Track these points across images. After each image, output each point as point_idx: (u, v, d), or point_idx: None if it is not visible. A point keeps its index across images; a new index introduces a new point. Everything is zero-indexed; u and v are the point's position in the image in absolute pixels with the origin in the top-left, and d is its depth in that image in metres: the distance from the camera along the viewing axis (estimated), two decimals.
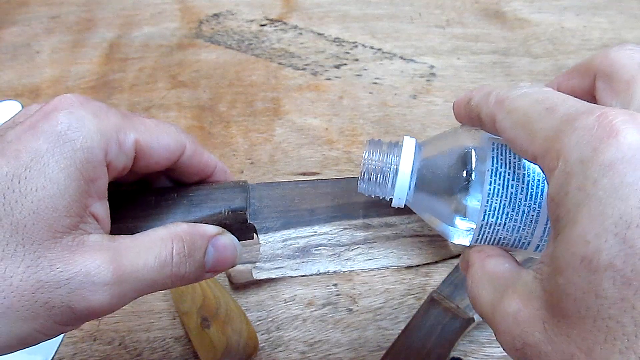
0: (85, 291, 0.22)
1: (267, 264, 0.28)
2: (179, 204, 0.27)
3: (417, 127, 0.55)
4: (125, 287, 0.23)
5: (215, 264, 0.26)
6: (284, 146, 0.53)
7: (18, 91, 0.60)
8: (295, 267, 0.28)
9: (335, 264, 0.28)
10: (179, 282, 0.25)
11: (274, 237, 0.28)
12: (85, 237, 0.22)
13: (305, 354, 0.39)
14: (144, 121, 0.25)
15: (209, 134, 0.55)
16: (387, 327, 0.40)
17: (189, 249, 0.25)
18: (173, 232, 0.25)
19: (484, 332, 0.40)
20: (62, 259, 0.21)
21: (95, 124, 0.23)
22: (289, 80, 0.60)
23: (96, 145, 0.23)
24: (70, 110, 0.23)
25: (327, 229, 0.28)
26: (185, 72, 0.62)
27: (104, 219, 0.24)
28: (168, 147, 0.26)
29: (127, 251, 0.23)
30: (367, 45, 0.64)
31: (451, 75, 0.60)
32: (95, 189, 0.23)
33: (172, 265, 0.24)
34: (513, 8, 0.69)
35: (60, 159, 0.22)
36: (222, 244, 0.26)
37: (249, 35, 0.66)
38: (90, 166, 0.22)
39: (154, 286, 0.24)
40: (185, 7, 0.71)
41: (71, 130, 0.22)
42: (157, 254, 0.24)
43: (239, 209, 0.27)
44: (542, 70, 0.60)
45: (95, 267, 0.22)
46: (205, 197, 0.28)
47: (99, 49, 0.65)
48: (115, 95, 0.59)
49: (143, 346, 0.40)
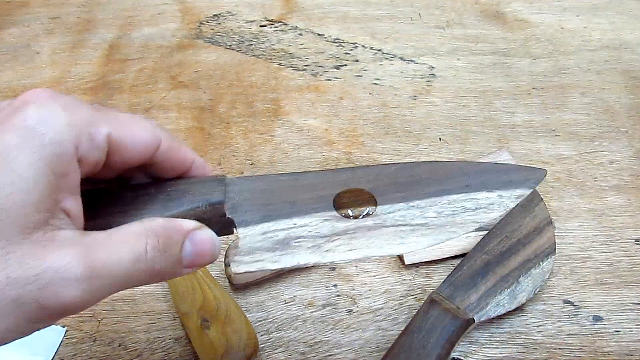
0: (56, 287, 0.21)
1: (245, 258, 0.27)
2: (156, 198, 0.27)
3: (417, 127, 0.55)
4: (97, 282, 0.22)
5: (193, 258, 0.26)
6: (284, 147, 0.53)
7: (18, 92, 0.60)
8: (274, 260, 0.27)
9: (316, 255, 0.27)
10: (155, 277, 0.24)
11: (253, 230, 0.28)
12: (56, 232, 0.22)
13: (305, 355, 0.39)
14: (117, 115, 0.25)
15: (209, 134, 0.55)
16: (387, 328, 0.40)
17: (164, 243, 0.24)
18: (148, 226, 0.24)
19: (484, 332, 0.40)
20: (31, 255, 0.21)
21: (66, 118, 0.22)
22: (289, 81, 0.60)
23: (66, 139, 0.22)
24: (40, 104, 0.22)
25: (307, 221, 0.28)
26: (185, 72, 0.62)
27: (77, 215, 0.23)
28: (143, 141, 0.25)
29: (99, 246, 0.23)
30: (367, 46, 0.64)
31: (451, 76, 0.60)
32: (67, 184, 0.22)
33: (147, 260, 0.24)
34: (513, 9, 0.69)
35: (29, 153, 0.21)
36: (199, 239, 0.26)
37: (249, 36, 0.66)
38: (60, 160, 0.22)
39: (128, 282, 0.23)
40: (185, 7, 0.71)
41: (40, 124, 0.22)
42: (130, 248, 0.23)
43: (217, 202, 0.27)
44: (542, 71, 0.60)
45: (66, 263, 0.21)
46: (182, 191, 0.27)
47: (99, 50, 0.65)
48: (115, 96, 0.59)
49: (143, 347, 0.40)
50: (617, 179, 0.50)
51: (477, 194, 0.29)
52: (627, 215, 0.47)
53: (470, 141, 0.53)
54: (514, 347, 0.39)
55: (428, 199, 0.29)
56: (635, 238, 0.45)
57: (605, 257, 0.44)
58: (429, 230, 0.28)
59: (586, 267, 0.43)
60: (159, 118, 0.56)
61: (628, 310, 0.41)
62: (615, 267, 0.43)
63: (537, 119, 0.55)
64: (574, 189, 0.49)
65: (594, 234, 0.45)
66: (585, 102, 0.57)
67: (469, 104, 0.57)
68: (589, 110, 0.56)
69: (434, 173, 0.30)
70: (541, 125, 0.55)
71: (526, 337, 0.40)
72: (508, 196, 0.29)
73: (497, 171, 0.30)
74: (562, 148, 0.52)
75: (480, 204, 0.29)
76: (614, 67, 0.61)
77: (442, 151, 0.52)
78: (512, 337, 0.40)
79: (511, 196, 0.29)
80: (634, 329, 0.40)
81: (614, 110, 0.56)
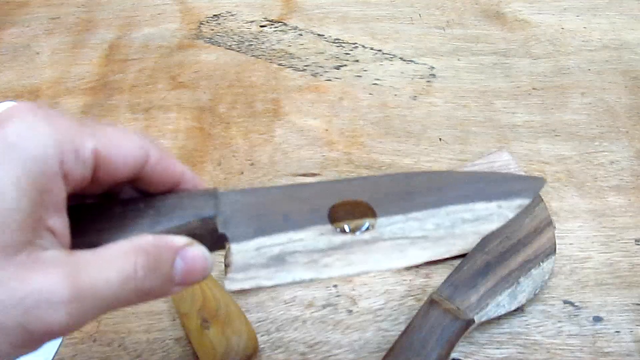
0: (41, 310, 0.20)
1: (239, 274, 0.26)
2: (146, 214, 0.26)
3: (417, 128, 0.55)
4: (84, 304, 0.21)
5: (184, 276, 0.25)
6: (284, 147, 0.53)
7: (18, 92, 0.60)
8: (269, 277, 0.26)
9: (312, 271, 0.26)
10: (144, 297, 0.23)
11: (247, 245, 0.27)
12: (40, 253, 0.21)
13: (305, 355, 0.39)
14: (104, 128, 0.24)
15: (208, 135, 0.55)
16: (387, 329, 0.40)
17: (154, 262, 0.23)
18: (137, 244, 0.23)
19: (484, 333, 0.40)
20: (15, 278, 0.20)
21: (49, 132, 0.21)
22: (289, 82, 0.60)
23: (50, 155, 0.21)
24: (22, 119, 0.21)
25: (303, 235, 0.27)
26: (185, 73, 0.62)
27: (63, 233, 0.22)
28: (130, 155, 0.24)
29: (86, 266, 0.22)
30: (367, 46, 0.64)
31: (451, 76, 0.60)
32: (51, 202, 0.21)
33: (136, 279, 0.23)
34: (513, 9, 0.69)
35: (11, 170, 0.20)
36: (191, 256, 0.25)
37: (249, 36, 0.66)
38: (44, 177, 0.21)
39: (117, 303, 0.22)
40: (185, 8, 0.71)
41: (22, 140, 0.21)
42: (119, 268, 0.22)
43: (208, 217, 0.26)
44: (543, 72, 0.60)
45: (51, 285, 0.20)
46: (172, 206, 0.26)
47: (98, 50, 0.65)
48: (115, 96, 0.59)
49: (143, 347, 0.40)
50: (618, 179, 0.50)
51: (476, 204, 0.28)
52: (628, 216, 0.47)
53: (470, 141, 0.53)
54: (514, 347, 0.39)
55: (426, 210, 0.28)
56: (636, 238, 0.45)
57: (605, 257, 0.44)
58: (429, 243, 0.28)
59: (586, 268, 0.43)
60: (158, 118, 0.56)
61: (628, 310, 0.41)
62: (615, 268, 0.43)
63: (537, 119, 0.55)
64: (574, 190, 0.49)
65: (594, 235, 0.45)
66: (586, 103, 0.57)
67: (469, 104, 0.57)
68: (589, 111, 0.56)
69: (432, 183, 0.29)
70: (541, 126, 0.55)
71: (526, 337, 0.40)
72: (507, 206, 0.29)
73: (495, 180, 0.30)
74: (562, 148, 0.52)
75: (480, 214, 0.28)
76: (614, 67, 0.61)
77: (442, 151, 0.52)
78: (512, 338, 0.40)
79: (510, 206, 0.29)
80: (634, 330, 0.40)
81: (614, 110, 0.56)
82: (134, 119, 0.56)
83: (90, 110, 0.58)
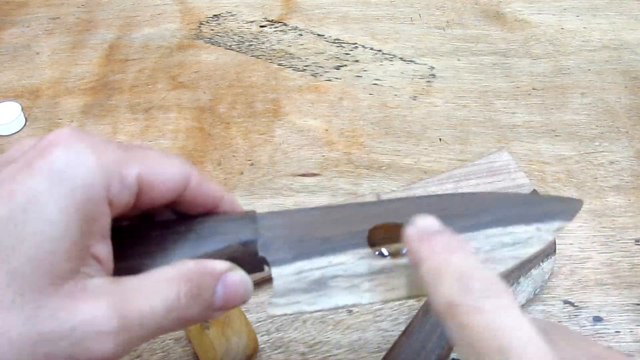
0: (89, 341, 0.20)
1: (281, 300, 0.26)
2: (186, 238, 0.26)
3: (418, 128, 0.55)
4: (131, 334, 0.21)
5: (224, 302, 0.24)
6: (284, 147, 0.53)
7: (18, 92, 0.60)
8: (311, 302, 0.26)
9: (354, 296, 0.26)
10: (185, 324, 0.23)
11: (287, 269, 0.26)
12: (87, 281, 0.21)
13: (305, 355, 0.39)
14: (147, 153, 0.24)
15: (208, 135, 0.55)
16: (387, 329, 0.40)
17: (197, 289, 0.23)
18: (180, 271, 0.23)
19: None
20: (64, 308, 0.20)
21: (95, 159, 0.21)
22: (289, 82, 0.60)
23: (97, 182, 0.21)
24: (67, 145, 0.21)
25: (343, 259, 0.27)
26: (185, 73, 0.62)
27: (107, 260, 0.22)
28: (173, 179, 0.24)
29: (132, 295, 0.21)
30: (367, 47, 0.64)
31: (451, 76, 0.60)
32: (97, 229, 0.21)
33: (180, 308, 0.22)
34: (513, 9, 0.69)
35: (59, 198, 0.20)
36: (232, 281, 0.24)
37: (249, 37, 0.66)
38: (91, 205, 0.21)
39: (160, 331, 0.22)
40: (185, 8, 0.71)
41: (69, 167, 0.21)
42: (164, 296, 0.22)
43: (248, 241, 0.26)
44: (542, 72, 0.60)
45: (100, 315, 0.20)
46: (213, 229, 0.26)
47: (98, 50, 0.65)
48: (115, 97, 0.59)
49: (143, 347, 0.40)
50: (617, 179, 0.50)
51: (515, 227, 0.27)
52: (628, 216, 0.47)
53: (470, 142, 0.53)
54: None
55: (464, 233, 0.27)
56: (636, 238, 0.45)
57: (605, 257, 0.44)
58: None
59: (586, 268, 0.43)
60: (158, 118, 0.56)
61: (628, 310, 0.41)
62: (615, 268, 0.43)
63: (537, 119, 0.55)
64: (574, 190, 0.49)
65: (594, 235, 0.45)
66: (586, 103, 0.57)
67: (469, 105, 0.57)
68: (589, 111, 0.56)
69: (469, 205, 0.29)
70: (541, 126, 0.55)
71: None
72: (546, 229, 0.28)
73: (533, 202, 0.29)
74: (562, 148, 0.52)
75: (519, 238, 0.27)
76: (614, 67, 0.61)
77: (442, 152, 0.52)
78: None
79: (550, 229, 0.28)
80: (634, 330, 0.40)
81: (614, 110, 0.56)
82: (134, 119, 0.56)
83: (90, 110, 0.58)
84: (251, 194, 0.49)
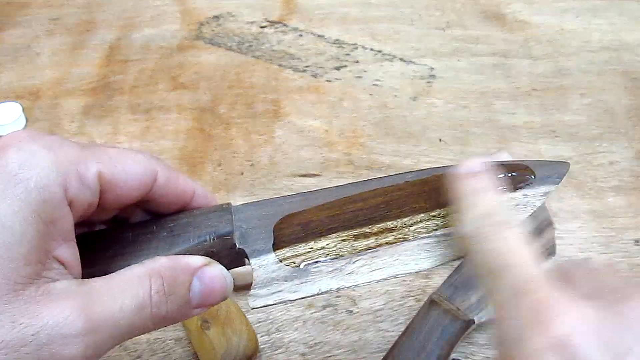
0: (55, 346, 0.19)
1: (262, 290, 0.25)
2: (159, 236, 0.25)
3: (418, 128, 0.55)
4: (100, 335, 0.20)
5: (202, 298, 0.23)
6: (284, 148, 0.53)
7: (18, 93, 0.60)
8: (293, 290, 0.25)
9: (338, 279, 0.26)
10: (161, 323, 0.22)
11: (266, 259, 0.25)
12: (50, 285, 0.20)
13: (305, 356, 0.39)
14: (107, 150, 0.23)
15: (209, 135, 0.55)
16: (387, 329, 0.40)
17: (169, 285, 0.22)
18: (150, 268, 0.22)
19: (484, 334, 0.40)
20: (25, 313, 0.19)
21: (50, 159, 0.21)
22: (289, 82, 0.60)
23: (53, 182, 0.20)
24: (21, 147, 0.20)
25: (324, 243, 0.26)
26: (185, 73, 0.62)
27: (72, 263, 0.21)
28: (137, 176, 0.23)
29: (99, 295, 0.21)
30: (367, 47, 0.64)
31: (451, 77, 0.60)
32: (58, 231, 0.21)
33: (152, 305, 0.22)
34: (513, 10, 0.69)
35: (13, 201, 0.19)
36: (209, 276, 0.24)
37: (249, 37, 0.66)
38: (48, 206, 0.20)
39: (133, 331, 0.21)
40: (185, 9, 0.71)
41: (23, 169, 0.20)
42: (133, 294, 0.21)
43: (225, 234, 0.25)
44: (542, 72, 0.61)
45: (64, 318, 0.20)
46: (186, 225, 0.25)
47: (99, 51, 0.65)
48: (116, 97, 0.59)
49: (143, 348, 0.40)
50: (617, 180, 0.50)
51: None
52: (627, 217, 0.47)
53: (470, 142, 0.53)
54: None
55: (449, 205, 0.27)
56: (635, 239, 0.45)
57: (605, 258, 0.44)
58: (455, 240, 0.27)
59: None
60: (159, 119, 0.56)
61: None
62: None
63: (537, 120, 0.55)
64: (574, 190, 0.49)
65: (594, 235, 0.46)
66: (585, 103, 0.57)
67: (469, 105, 0.57)
68: (589, 112, 0.56)
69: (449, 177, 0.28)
70: (541, 127, 0.55)
71: None
72: (533, 194, 0.27)
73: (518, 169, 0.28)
74: (562, 149, 0.52)
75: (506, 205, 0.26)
76: (614, 68, 0.61)
77: (442, 152, 0.52)
78: None
79: (536, 194, 0.27)
80: None
81: (614, 111, 0.56)
82: (134, 120, 0.56)
83: (90, 111, 0.58)
84: (251, 194, 0.49)
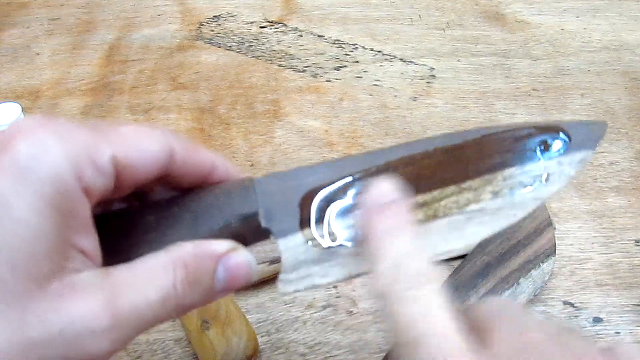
0: (82, 341, 0.19)
1: (292, 275, 0.23)
2: (182, 219, 0.23)
3: (417, 129, 0.55)
4: (125, 329, 0.20)
5: (226, 285, 0.23)
6: (284, 148, 0.53)
7: (18, 93, 0.60)
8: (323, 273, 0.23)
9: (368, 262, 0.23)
10: (185, 311, 0.22)
11: (294, 240, 0.23)
12: (74, 277, 0.20)
13: (305, 356, 0.39)
14: (119, 131, 0.22)
15: (208, 136, 0.55)
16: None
17: (194, 274, 0.21)
18: (175, 256, 0.21)
19: None
20: (51, 309, 0.19)
21: (61, 148, 0.20)
22: (289, 82, 0.60)
23: (66, 173, 0.19)
24: (30, 136, 0.19)
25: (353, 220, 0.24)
26: (185, 74, 0.62)
27: (93, 252, 0.21)
28: (153, 155, 0.22)
29: (124, 287, 0.20)
30: (367, 47, 0.64)
31: (451, 77, 0.60)
32: (77, 221, 0.20)
33: (177, 296, 0.21)
34: (513, 10, 0.69)
35: (27, 196, 0.19)
36: (234, 263, 0.23)
37: (249, 37, 0.66)
38: (63, 197, 0.19)
39: (157, 321, 0.21)
40: (185, 9, 0.71)
41: (34, 161, 0.19)
42: (158, 285, 0.21)
43: (249, 215, 0.24)
44: (542, 72, 0.60)
45: (91, 312, 0.19)
46: (209, 207, 0.24)
47: (99, 51, 0.65)
48: (115, 97, 0.59)
49: (143, 348, 0.40)
50: (617, 180, 0.50)
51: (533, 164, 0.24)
52: (627, 217, 0.47)
53: None
54: None
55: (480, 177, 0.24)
56: (636, 239, 0.45)
57: (605, 258, 0.44)
58: (487, 217, 0.24)
59: (586, 269, 0.43)
60: (158, 119, 0.56)
61: (628, 311, 0.41)
62: (615, 269, 0.43)
63: (537, 120, 0.55)
64: (574, 190, 0.49)
65: (594, 235, 0.45)
66: (585, 104, 0.57)
67: (469, 105, 0.57)
68: (589, 112, 0.56)
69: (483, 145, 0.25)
70: None
71: None
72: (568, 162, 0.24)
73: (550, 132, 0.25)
74: None
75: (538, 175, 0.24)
76: (614, 68, 0.61)
77: None
78: None
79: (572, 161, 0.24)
80: (634, 331, 0.40)
81: (614, 111, 0.56)
82: (134, 120, 0.56)
83: (90, 111, 0.58)
84: None
